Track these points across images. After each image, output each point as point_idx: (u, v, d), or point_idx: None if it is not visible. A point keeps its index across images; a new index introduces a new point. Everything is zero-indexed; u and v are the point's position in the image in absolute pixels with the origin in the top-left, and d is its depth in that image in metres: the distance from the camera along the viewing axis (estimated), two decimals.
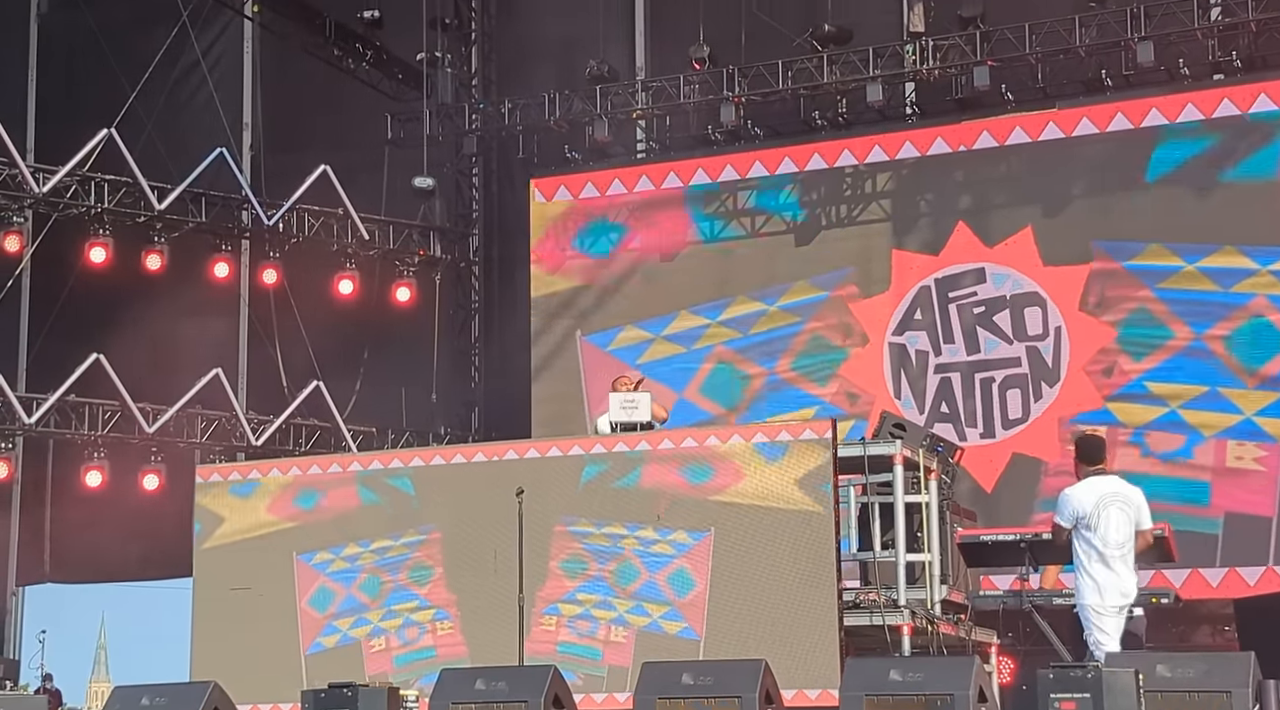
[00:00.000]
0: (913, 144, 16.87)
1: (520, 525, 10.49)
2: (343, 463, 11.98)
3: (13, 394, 16.85)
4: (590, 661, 10.83)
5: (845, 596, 10.54)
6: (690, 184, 17.60)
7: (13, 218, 16.84)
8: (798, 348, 16.95)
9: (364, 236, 18.08)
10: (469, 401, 18.95)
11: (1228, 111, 15.58)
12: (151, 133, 17.76)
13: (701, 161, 17.67)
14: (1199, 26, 15.74)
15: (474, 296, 19.19)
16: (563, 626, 10.93)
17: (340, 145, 18.66)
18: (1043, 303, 16.13)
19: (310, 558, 11.64)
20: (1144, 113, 15.92)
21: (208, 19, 19.09)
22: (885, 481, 11.09)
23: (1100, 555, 9.46)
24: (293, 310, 17.87)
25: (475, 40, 19.49)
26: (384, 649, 11.40)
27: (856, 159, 17.06)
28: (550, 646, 10.85)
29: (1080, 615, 9.54)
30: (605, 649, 10.83)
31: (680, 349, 17.37)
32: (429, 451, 12.41)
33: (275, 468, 12.09)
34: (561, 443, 11.52)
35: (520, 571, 10.46)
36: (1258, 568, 15.08)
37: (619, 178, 17.98)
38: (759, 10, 17.28)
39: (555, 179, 18.22)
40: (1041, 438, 15.90)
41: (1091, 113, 16.14)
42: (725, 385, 17.15)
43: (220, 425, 17.71)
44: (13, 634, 19.59)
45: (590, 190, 18.04)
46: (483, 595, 10.99)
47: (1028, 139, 16.36)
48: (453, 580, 11.20)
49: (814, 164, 17.20)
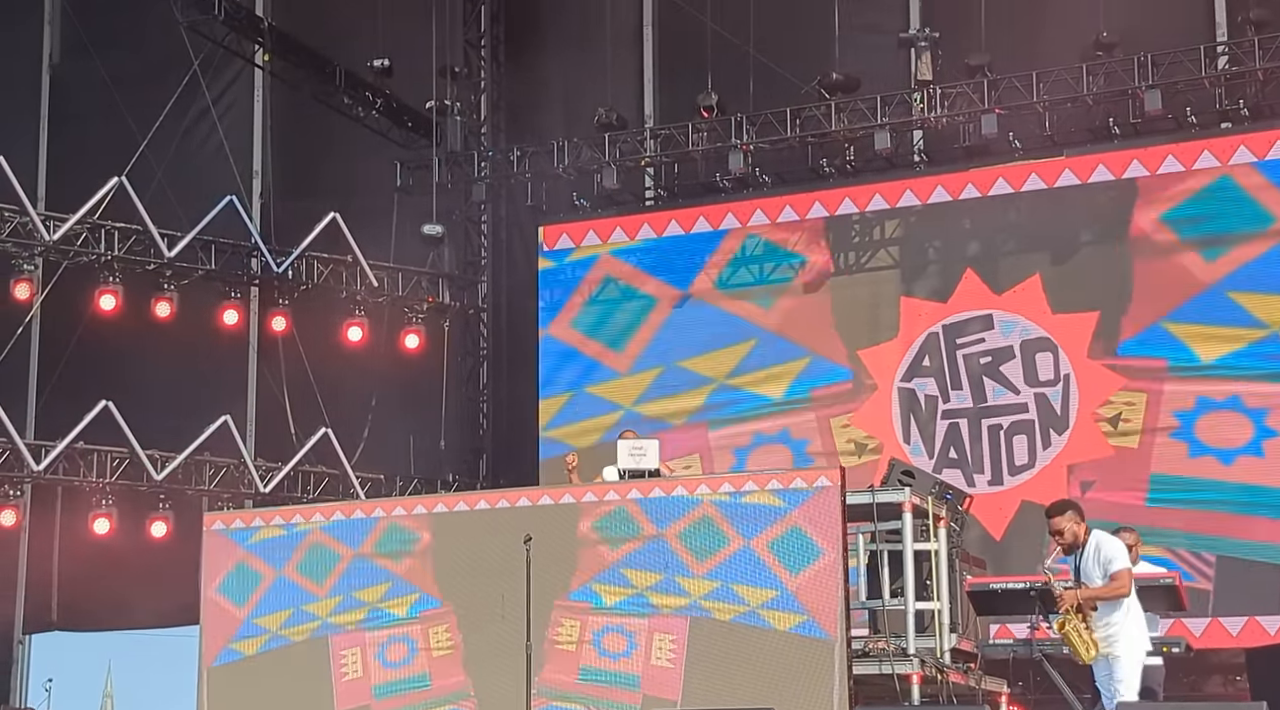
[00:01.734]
0: (921, 191, 16.91)
1: (528, 573, 10.44)
2: (345, 510, 11.87)
3: (21, 441, 16.85)
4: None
5: (854, 645, 10.48)
6: (699, 231, 17.63)
7: (23, 265, 16.87)
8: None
9: (373, 283, 18.11)
10: (477, 448, 18.94)
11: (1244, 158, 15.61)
12: (162, 180, 17.82)
13: (710, 208, 17.71)
14: (1206, 75, 15.77)
15: (482, 344, 19.20)
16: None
17: (350, 193, 18.71)
18: (1054, 348, 16.12)
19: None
20: (1160, 159, 15.90)
21: (219, 68, 19.18)
22: (894, 529, 11.06)
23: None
24: (301, 357, 17.88)
25: (484, 88, 19.58)
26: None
27: (864, 206, 17.09)
28: (569, 676, 10.64)
29: (1132, 660, 9.54)
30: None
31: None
32: (436, 499, 12.37)
33: (278, 515, 12.05)
34: (574, 490, 11.45)
35: (528, 620, 10.40)
36: (1277, 617, 15.01)
37: (628, 225, 18.03)
38: (767, 58, 17.36)
39: (564, 226, 18.26)
40: (1050, 485, 15.83)
41: (1101, 160, 16.15)
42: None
43: (229, 472, 17.70)
44: (20, 682, 19.52)
45: (598, 237, 18.09)
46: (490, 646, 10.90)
47: (1036, 187, 16.38)
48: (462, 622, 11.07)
49: (823, 211, 17.23)
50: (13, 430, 16.74)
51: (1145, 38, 16.06)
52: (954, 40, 16.69)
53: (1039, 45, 16.60)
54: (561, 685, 10.58)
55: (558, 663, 10.66)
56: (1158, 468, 15.51)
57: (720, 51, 17.55)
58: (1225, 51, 15.94)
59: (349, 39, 19.04)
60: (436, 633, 11.12)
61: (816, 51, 17.31)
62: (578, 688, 10.52)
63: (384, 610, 11.30)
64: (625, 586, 10.62)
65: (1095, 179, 16.10)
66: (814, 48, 17.36)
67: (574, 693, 10.53)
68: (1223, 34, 16.36)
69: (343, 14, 19.39)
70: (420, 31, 18.33)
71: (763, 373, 17.12)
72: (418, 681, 11.11)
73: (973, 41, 16.49)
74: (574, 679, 10.56)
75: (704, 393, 17.31)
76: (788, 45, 17.61)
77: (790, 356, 17.06)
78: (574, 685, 10.56)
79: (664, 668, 10.33)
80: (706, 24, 17.57)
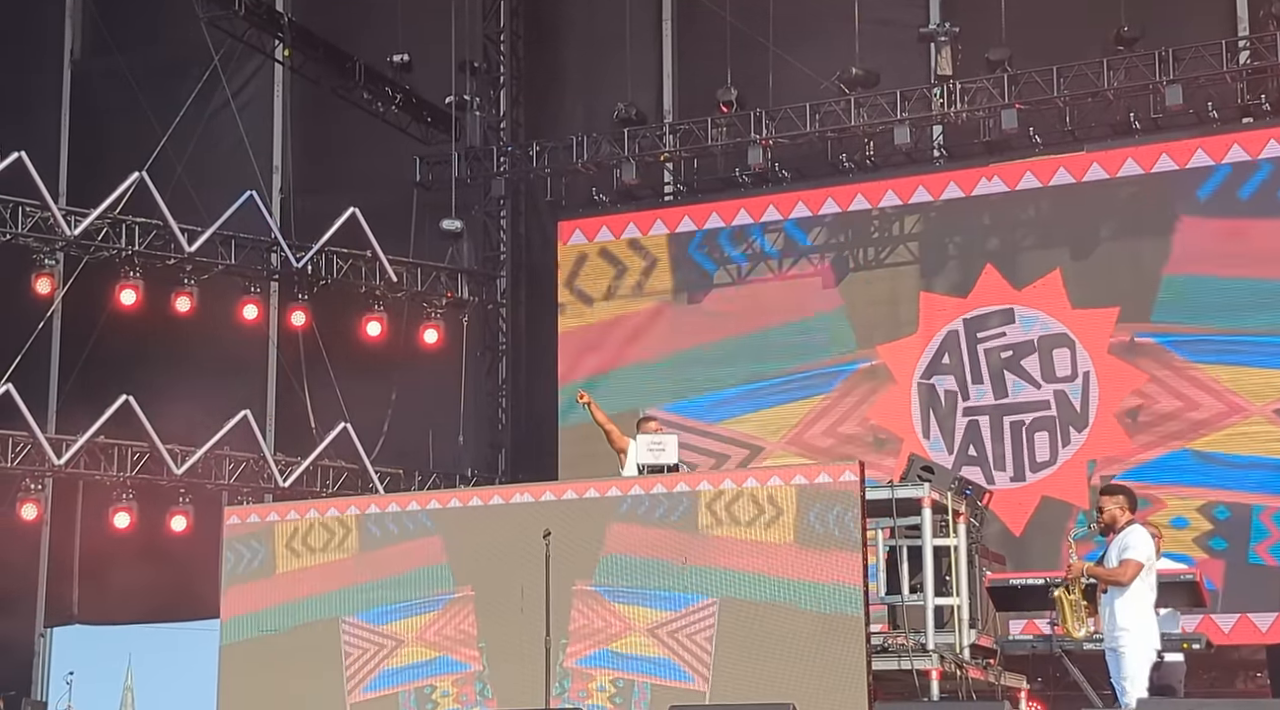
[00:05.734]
0: (940, 187, 16.87)
1: (547, 568, 10.46)
2: (360, 505, 11.89)
3: (42, 435, 16.91)
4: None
5: (873, 641, 10.47)
6: (718, 226, 17.63)
7: (44, 260, 16.94)
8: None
9: (392, 278, 18.14)
10: (496, 443, 18.96)
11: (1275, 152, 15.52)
12: (182, 176, 17.88)
13: (729, 203, 17.69)
14: (1228, 70, 15.72)
15: (501, 338, 19.22)
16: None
17: (369, 188, 18.74)
18: (1071, 344, 16.07)
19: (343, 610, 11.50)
20: (1189, 153, 15.81)
21: (239, 63, 19.23)
22: (913, 525, 11.04)
23: (1154, 600, 9.53)
24: (321, 352, 17.92)
25: (504, 84, 19.59)
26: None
27: (883, 202, 17.06)
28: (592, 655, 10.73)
29: (1136, 657, 9.50)
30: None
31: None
32: (454, 493, 12.38)
33: (296, 509, 12.07)
34: (598, 484, 11.45)
35: (547, 615, 10.42)
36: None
37: (646, 220, 18.02)
38: (786, 53, 17.34)
39: (582, 221, 18.26)
40: (1071, 481, 15.82)
41: (1121, 155, 16.11)
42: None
43: (248, 467, 17.75)
44: (41, 675, 19.60)
45: (617, 232, 18.08)
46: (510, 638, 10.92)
47: (1056, 181, 16.32)
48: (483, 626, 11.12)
49: (842, 206, 17.21)
50: (34, 425, 16.79)
51: (1166, 32, 16.03)
52: (974, 35, 16.65)
53: (1059, 40, 16.56)
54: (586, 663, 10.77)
55: (580, 645, 10.79)
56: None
57: (740, 46, 17.54)
58: (1247, 46, 15.89)
59: (368, 34, 19.08)
60: (453, 623, 11.15)
61: (836, 46, 17.29)
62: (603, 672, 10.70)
63: (401, 601, 11.33)
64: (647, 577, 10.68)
65: (1123, 173, 16.04)
66: (834, 42, 17.34)
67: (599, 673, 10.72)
68: (1244, 28, 16.30)
69: (362, 9, 19.43)
70: (440, 26, 18.35)
71: (782, 365, 17.11)
72: (432, 666, 11.16)
73: (993, 36, 16.45)
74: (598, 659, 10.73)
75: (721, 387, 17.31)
76: (807, 40, 17.59)
77: (809, 349, 17.04)
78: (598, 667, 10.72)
79: (692, 649, 10.48)
80: (726, 18, 17.57)
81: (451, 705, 10.99)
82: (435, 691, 11.11)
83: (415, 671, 11.23)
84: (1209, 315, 15.49)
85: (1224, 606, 14.74)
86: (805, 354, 17.02)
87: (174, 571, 17.82)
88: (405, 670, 11.24)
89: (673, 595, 10.58)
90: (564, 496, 11.23)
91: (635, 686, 10.60)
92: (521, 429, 19.00)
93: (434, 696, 11.10)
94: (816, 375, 16.97)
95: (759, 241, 17.49)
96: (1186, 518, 15.22)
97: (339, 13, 19.50)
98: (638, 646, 10.66)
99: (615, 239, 18.07)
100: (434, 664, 11.19)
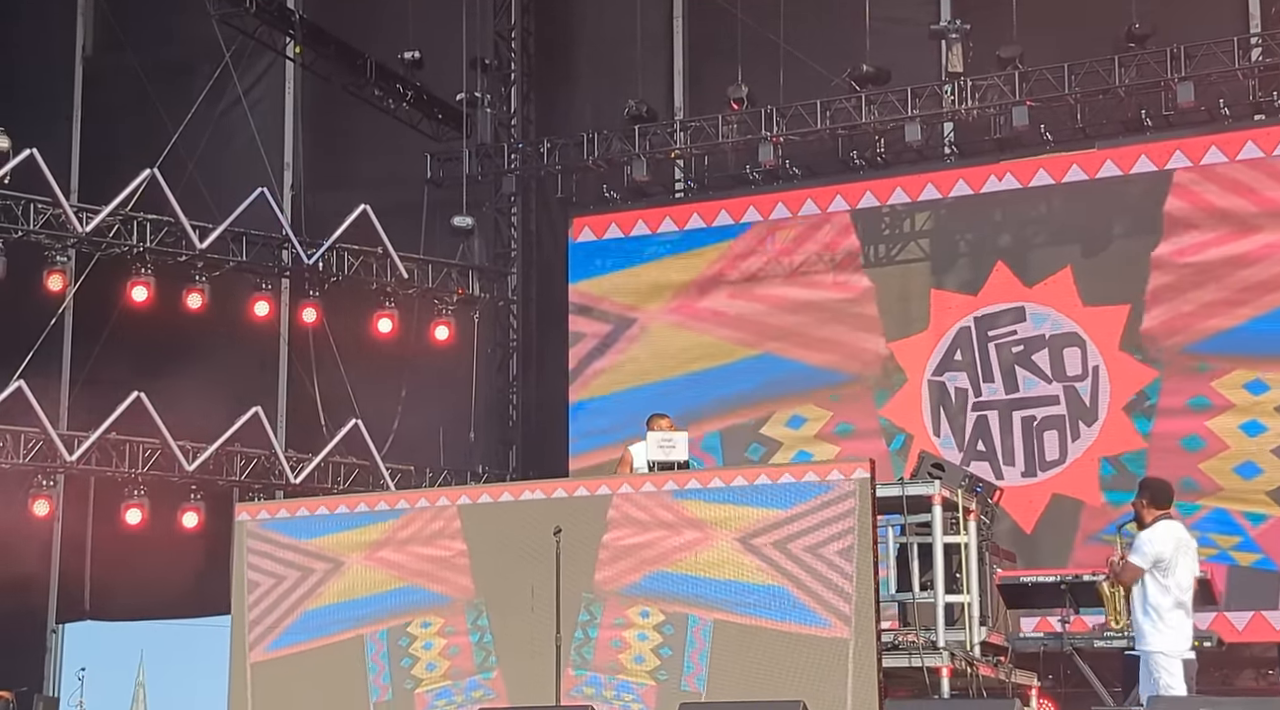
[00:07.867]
0: (951, 184, 16.85)
1: (558, 565, 10.46)
2: (369, 502, 11.85)
3: (54, 431, 16.95)
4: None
5: (883, 638, 10.47)
6: (728, 223, 17.63)
7: (56, 257, 16.96)
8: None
9: (403, 275, 18.15)
10: (507, 440, 18.97)
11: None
12: (193, 172, 17.92)
13: (740, 201, 17.69)
14: (1239, 67, 15.69)
15: (512, 335, 19.23)
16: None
17: (380, 185, 18.76)
18: (1082, 343, 16.06)
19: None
20: (1203, 150, 15.77)
21: (250, 60, 19.27)
22: (924, 522, 11.04)
23: (1177, 600, 9.44)
24: (332, 349, 17.94)
25: (514, 81, 19.58)
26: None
27: (893, 198, 17.05)
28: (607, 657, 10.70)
29: (1147, 661, 9.45)
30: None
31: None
32: (467, 490, 12.36)
33: (307, 506, 12.06)
34: (610, 481, 11.40)
35: (557, 611, 10.43)
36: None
37: (657, 217, 18.02)
38: (797, 50, 17.33)
39: (594, 218, 18.26)
40: (1081, 478, 15.81)
41: (1133, 152, 16.08)
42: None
43: (259, 463, 17.77)
44: (52, 671, 19.65)
45: (627, 229, 18.08)
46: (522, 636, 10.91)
47: (1068, 179, 16.31)
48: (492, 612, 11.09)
49: (853, 203, 17.21)
50: (46, 421, 16.83)
51: (1178, 29, 15.99)
52: (985, 32, 16.63)
53: (1070, 37, 16.55)
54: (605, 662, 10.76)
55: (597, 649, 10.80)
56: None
57: (750, 43, 17.53)
58: (1259, 43, 15.85)
59: (379, 31, 19.09)
60: (466, 622, 11.15)
61: (847, 43, 17.27)
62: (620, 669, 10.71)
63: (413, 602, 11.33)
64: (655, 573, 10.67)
65: (1136, 170, 16.01)
66: (844, 39, 17.32)
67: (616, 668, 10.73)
68: (1256, 25, 16.27)
69: (373, 6, 19.44)
70: (451, 23, 18.37)
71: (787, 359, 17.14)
72: (449, 671, 11.14)
73: (1004, 33, 16.43)
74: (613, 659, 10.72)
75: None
76: (818, 37, 17.59)
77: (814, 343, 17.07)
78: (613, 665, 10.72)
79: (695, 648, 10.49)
80: (737, 16, 17.56)
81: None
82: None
83: (430, 668, 11.25)
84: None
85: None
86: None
87: (186, 567, 17.86)
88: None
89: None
90: (575, 493, 11.23)
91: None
92: (532, 425, 19.01)
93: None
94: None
95: (764, 239, 17.46)
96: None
97: (350, 10, 19.51)
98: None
99: (626, 236, 18.08)
100: (449, 668, 11.16)
